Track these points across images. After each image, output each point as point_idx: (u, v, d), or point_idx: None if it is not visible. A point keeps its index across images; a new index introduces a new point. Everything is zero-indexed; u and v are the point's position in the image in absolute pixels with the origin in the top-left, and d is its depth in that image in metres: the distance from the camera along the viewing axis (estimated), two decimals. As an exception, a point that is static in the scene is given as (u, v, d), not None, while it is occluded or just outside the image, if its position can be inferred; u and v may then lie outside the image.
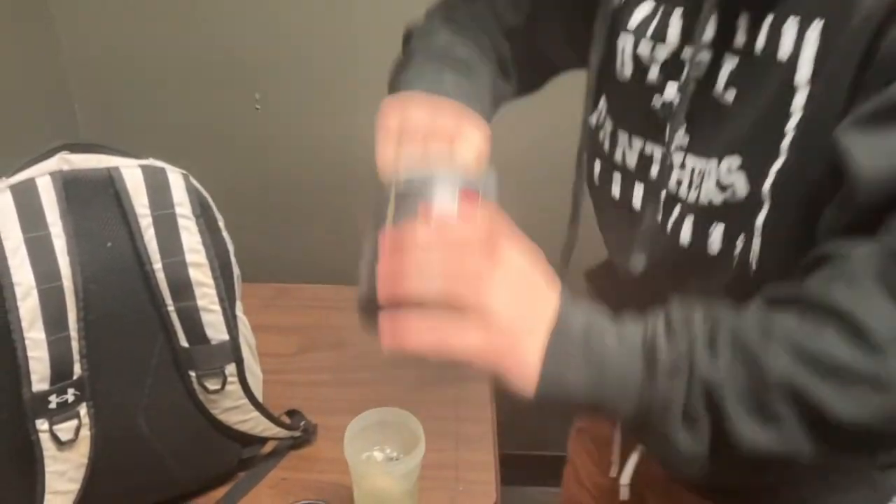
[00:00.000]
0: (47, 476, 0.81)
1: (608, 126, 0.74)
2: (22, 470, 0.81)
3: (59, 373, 0.78)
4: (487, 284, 0.52)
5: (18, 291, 0.75)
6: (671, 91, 0.66)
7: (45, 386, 0.78)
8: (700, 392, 0.52)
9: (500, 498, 0.99)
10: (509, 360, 0.52)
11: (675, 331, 0.53)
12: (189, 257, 0.83)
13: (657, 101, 0.68)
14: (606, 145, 0.74)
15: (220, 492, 0.99)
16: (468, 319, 0.51)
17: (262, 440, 1.00)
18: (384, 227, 0.55)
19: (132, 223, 0.81)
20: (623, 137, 0.72)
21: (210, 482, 0.98)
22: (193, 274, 0.84)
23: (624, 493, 0.83)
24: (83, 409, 0.82)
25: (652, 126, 0.68)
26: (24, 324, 0.75)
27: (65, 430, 0.80)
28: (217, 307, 0.86)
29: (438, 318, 0.50)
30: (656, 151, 0.69)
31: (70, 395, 0.80)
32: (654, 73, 0.68)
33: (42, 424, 0.79)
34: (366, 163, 0.66)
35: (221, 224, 0.88)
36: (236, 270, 0.91)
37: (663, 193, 0.68)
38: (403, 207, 0.55)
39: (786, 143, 0.58)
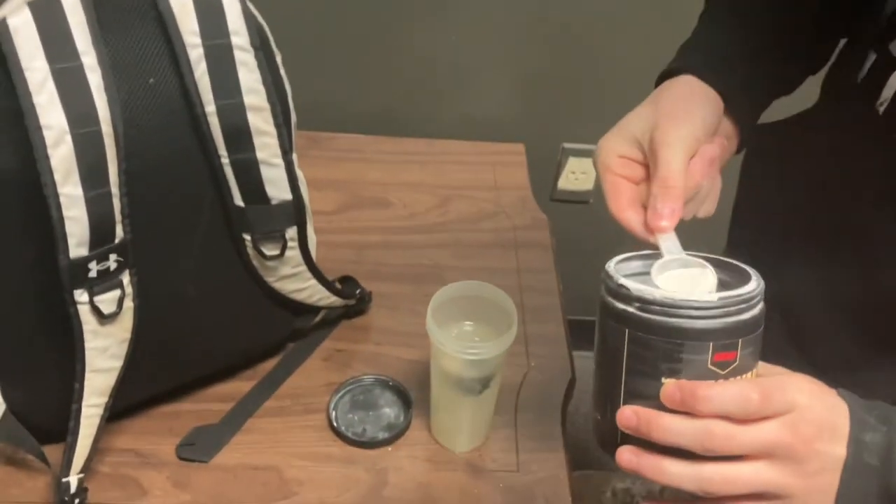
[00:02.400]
0: (87, 353, 0.70)
1: None
2: (59, 348, 0.69)
3: (100, 236, 0.65)
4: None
5: (48, 137, 0.60)
6: None
7: (83, 251, 0.65)
8: None
9: (575, 374, 0.91)
10: None
11: None
12: (248, 99, 0.69)
13: None
14: None
15: (270, 364, 0.89)
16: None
17: (316, 310, 0.89)
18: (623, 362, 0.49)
19: (179, 55, 0.66)
20: None
21: (259, 354, 0.88)
22: (253, 120, 0.70)
23: None
24: (126, 278, 0.69)
25: None
26: (57, 177, 0.61)
27: (107, 301, 0.68)
28: (279, 161, 0.72)
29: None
30: None
31: (112, 262, 0.67)
32: None
33: (81, 296, 0.67)
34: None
35: (279, 60, 0.73)
36: (294, 117, 0.76)
37: None
38: (648, 346, 0.48)
39: None
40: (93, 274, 0.66)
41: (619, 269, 0.52)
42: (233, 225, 0.75)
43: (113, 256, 0.67)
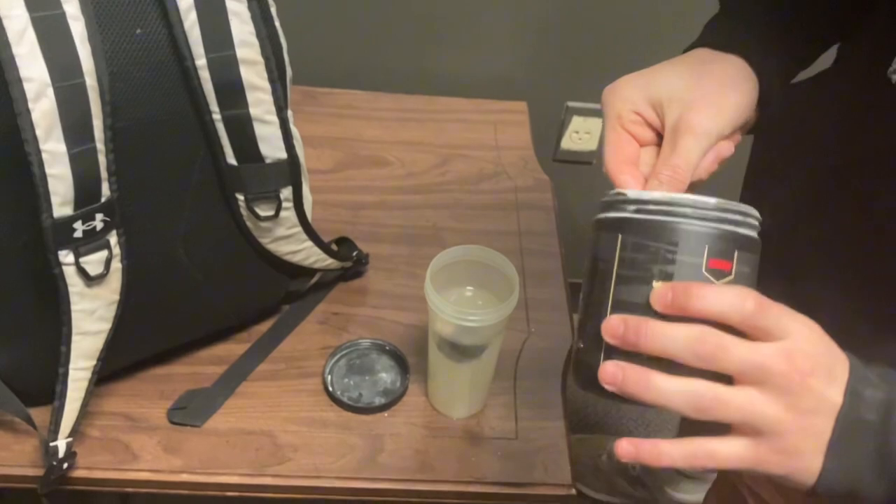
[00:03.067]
0: (74, 316, 0.67)
1: None
2: (45, 310, 0.67)
3: (85, 194, 0.63)
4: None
5: (29, 90, 0.57)
6: None
7: (68, 210, 0.62)
8: None
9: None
10: (785, 458, 0.44)
11: None
12: (241, 52, 0.65)
13: None
14: None
15: (264, 326, 0.87)
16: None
17: (312, 272, 0.86)
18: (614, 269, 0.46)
19: (168, 3, 0.63)
20: None
21: (253, 317, 0.86)
22: (246, 74, 0.66)
23: None
24: (113, 238, 0.67)
25: None
26: (38, 132, 0.58)
27: (93, 262, 0.66)
28: (274, 118, 0.69)
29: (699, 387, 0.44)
30: None
31: (98, 222, 0.65)
32: None
33: (66, 256, 0.64)
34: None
35: (274, 11, 0.69)
36: (289, 72, 0.73)
37: None
38: (641, 249, 0.45)
39: None
40: (78, 234, 0.64)
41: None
42: (225, 184, 0.72)
43: (99, 216, 0.64)
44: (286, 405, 0.80)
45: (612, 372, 0.44)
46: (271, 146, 0.70)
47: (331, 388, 0.81)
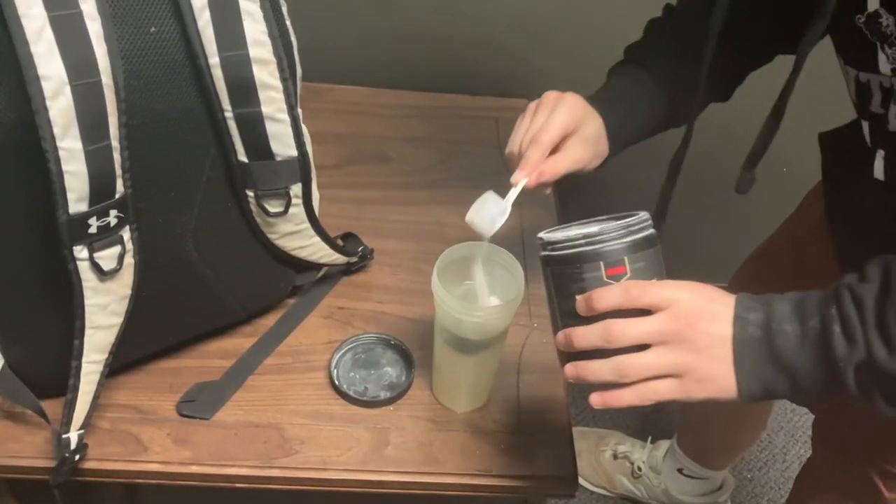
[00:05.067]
0: (87, 310, 0.68)
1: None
2: (59, 304, 0.68)
3: (100, 191, 0.63)
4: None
5: (47, 88, 0.58)
6: None
7: (83, 207, 0.63)
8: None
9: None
10: (704, 392, 0.58)
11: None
12: (253, 51, 0.66)
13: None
14: None
15: (270, 320, 0.88)
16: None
17: (318, 267, 0.88)
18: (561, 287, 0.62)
19: (182, 2, 0.64)
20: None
21: (260, 311, 0.87)
22: (258, 73, 0.67)
23: None
24: (126, 234, 0.68)
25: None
26: (56, 129, 0.59)
27: (107, 258, 0.67)
28: (285, 116, 0.70)
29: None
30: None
31: (112, 218, 0.65)
32: None
33: (81, 252, 0.65)
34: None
35: (285, 10, 0.70)
36: (299, 71, 0.74)
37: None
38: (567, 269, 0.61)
39: None
40: (93, 230, 0.64)
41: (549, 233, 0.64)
42: (236, 181, 0.73)
43: (113, 212, 0.65)
44: (293, 398, 0.82)
45: (570, 371, 0.60)
46: (282, 144, 0.71)
47: (337, 382, 0.82)
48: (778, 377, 0.56)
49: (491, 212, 0.73)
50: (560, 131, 0.76)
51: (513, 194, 0.75)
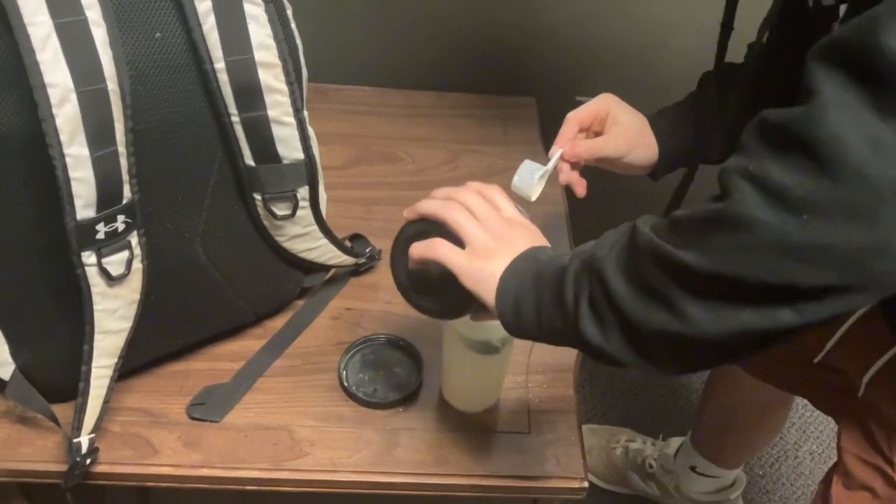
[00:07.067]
0: (96, 315, 0.69)
1: None
2: (68, 309, 0.68)
3: (107, 196, 0.64)
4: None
5: (53, 95, 0.58)
6: None
7: (90, 213, 0.63)
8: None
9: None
10: (479, 275, 0.63)
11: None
12: (259, 55, 0.66)
13: None
14: None
15: (279, 322, 0.89)
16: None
17: (327, 268, 0.88)
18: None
19: (187, 8, 0.64)
20: None
21: (269, 313, 0.88)
22: (264, 77, 0.67)
23: None
24: (134, 239, 0.68)
25: None
26: (62, 137, 0.59)
27: (115, 263, 0.67)
28: (291, 119, 0.70)
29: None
30: None
31: (120, 223, 0.66)
32: None
33: (89, 258, 0.65)
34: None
35: (290, 13, 0.70)
36: (305, 73, 0.74)
37: None
38: None
39: None
40: (100, 235, 0.65)
41: None
42: (243, 185, 0.73)
43: (121, 217, 0.65)
44: (302, 400, 0.82)
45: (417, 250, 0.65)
46: (289, 147, 0.72)
47: (346, 384, 0.82)
48: (530, 293, 0.60)
49: (533, 175, 0.78)
50: (591, 112, 0.84)
51: (551, 164, 0.80)
